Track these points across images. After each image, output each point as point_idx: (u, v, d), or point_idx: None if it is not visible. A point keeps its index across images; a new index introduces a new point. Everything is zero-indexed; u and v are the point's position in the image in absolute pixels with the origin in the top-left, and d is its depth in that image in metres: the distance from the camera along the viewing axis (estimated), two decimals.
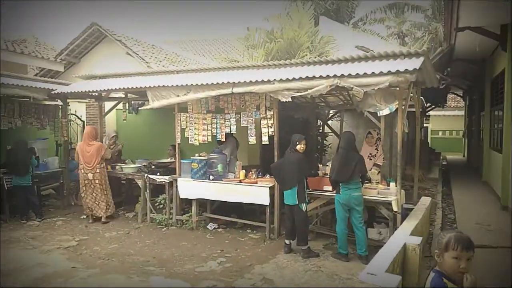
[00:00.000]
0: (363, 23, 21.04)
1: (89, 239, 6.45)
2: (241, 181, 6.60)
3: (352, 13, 20.02)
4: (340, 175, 5.21)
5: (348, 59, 5.97)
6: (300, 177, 5.49)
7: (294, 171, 5.47)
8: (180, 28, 35.52)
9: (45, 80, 8.88)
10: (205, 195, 6.87)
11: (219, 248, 5.89)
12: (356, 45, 13.01)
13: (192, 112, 7.10)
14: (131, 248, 5.97)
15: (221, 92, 6.26)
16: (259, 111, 6.53)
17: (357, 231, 5.26)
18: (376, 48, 10.95)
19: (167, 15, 37.75)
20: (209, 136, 6.98)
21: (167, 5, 39.16)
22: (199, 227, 6.98)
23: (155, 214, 7.38)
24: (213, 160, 6.84)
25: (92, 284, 4.57)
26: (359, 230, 5.25)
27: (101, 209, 7.45)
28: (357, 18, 20.81)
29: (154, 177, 7.37)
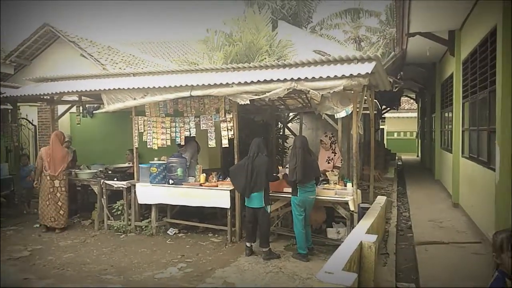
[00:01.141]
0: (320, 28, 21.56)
1: (43, 248, 6.16)
2: (201, 185, 6.56)
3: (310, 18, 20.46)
4: (305, 176, 5.28)
5: (305, 63, 6.09)
6: (268, 180, 5.55)
7: (263, 175, 5.49)
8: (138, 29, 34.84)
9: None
10: (165, 200, 6.76)
11: (179, 254, 5.81)
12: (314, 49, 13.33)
13: (150, 116, 6.98)
14: (87, 256, 5.76)
15: (180, 95, 6.19)
16: (218, 114, 6.52)
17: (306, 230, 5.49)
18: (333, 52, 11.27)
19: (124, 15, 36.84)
20: (168, 139, 6.89)
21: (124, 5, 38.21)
22: (159, 233, 6.86)
23: (113, 221, 7.17)
24: (172, 164, 6.75)
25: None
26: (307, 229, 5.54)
27: (63, 218, 7.14)
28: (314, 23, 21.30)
29: (111, 182, 7.16)
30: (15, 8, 31.43)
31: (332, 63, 5.91)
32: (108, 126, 9.16)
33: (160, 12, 38.86)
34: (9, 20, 32.97)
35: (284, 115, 9.87)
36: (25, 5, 33.96)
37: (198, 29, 29.13)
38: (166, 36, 21.69)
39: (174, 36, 21.15)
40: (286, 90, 5.39)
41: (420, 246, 6.05)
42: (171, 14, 38.54)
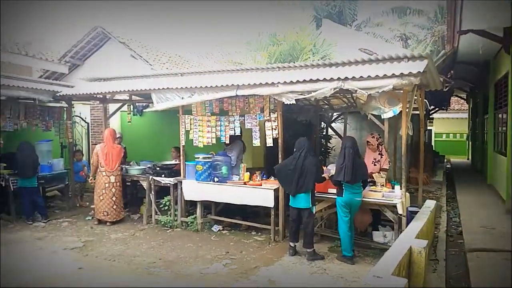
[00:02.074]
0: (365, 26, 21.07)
1: (95, 240, 6.48)
2: (245, 183, 6.63)
3: (355, 16, 20.04)
4: (353, 177, 5.19)
5: (352, 61, 5.99)
6: (316, 181, 5.52)
7: (312, 175, 5.46)
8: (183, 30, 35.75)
9: (49, 82, 8.93)
10: (209, 197, 6.90)
11: (224, 250, 5.91)
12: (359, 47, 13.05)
13: (196, 114, 7.14)
14: (136, 249, 6.00)
15: (225, 95, 6.29)
16: (263, 114, 6.55)
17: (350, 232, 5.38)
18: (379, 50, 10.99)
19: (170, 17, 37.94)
20: (214, 138, 7.01)
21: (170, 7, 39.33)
22: (204, 229, 7.00)
23: (160, 216, 7.41)
24: (217, 162, 6.87)
25: (99, 285, 4.59)
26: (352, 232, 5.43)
27: (116, 213, 7.47)
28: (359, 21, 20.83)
29: (159, 179, 7.40)
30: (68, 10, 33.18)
31: (380, 62, 5.77)
32: (156, 124, 9.48)
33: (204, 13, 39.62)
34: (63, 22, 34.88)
35: (328, 115, 9.75)
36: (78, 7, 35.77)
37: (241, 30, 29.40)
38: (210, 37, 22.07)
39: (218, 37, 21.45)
40: (332, 90, 5.33)
41: (471, 253, 5.77)
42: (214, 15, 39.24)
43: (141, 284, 4.64)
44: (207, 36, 24.57)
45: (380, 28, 22.85)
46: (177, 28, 29.30)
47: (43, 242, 6.34)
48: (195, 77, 7.29)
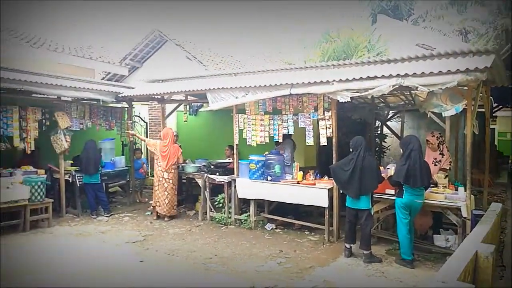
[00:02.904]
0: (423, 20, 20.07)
1: (155, 234, 6.77)
2: (298, 182, 6.60)
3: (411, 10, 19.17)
4: (416, 179, 4.99)
5: (412, 57, 5.76)
6: (379, 182, 5.40)
7: (374, 177, 5.33)
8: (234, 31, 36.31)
9: (112, 84, 9.44)
10: (262, 196, 6.96)
11: (278, 249, 5.93)
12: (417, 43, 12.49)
13: (250, 114, 7.22)
14: (193, 245, 6.19)
15: (279, 93, 6.30)
16: (317, 112, 6.49)
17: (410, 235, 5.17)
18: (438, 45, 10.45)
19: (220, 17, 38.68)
20: (267, 137, 7.05)
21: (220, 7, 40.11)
22: (257, 227, 7.07)
23: (215, 213, 7.59)
24: (270, 161, 6.90)
25: (159, 279, 4.80)
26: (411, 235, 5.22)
27: (167, 208, 7.76)
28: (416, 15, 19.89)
29: (214, 176, 7.58)
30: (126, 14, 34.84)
31: (443, 57, 5.50)
32: (210, 124, 9.73)
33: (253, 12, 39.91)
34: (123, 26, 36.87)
35: (383, 113, 9.44)
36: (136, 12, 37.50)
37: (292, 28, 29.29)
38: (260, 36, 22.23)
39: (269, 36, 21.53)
40: (391, 87, 5.16)
41: None
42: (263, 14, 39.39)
43: (199, 279, 4.78)
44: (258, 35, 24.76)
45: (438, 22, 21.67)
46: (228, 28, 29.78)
47: (107, 235, 6.73)
48: (248, 76, 7.37)
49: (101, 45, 17.15)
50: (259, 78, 6.92)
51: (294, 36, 13.83)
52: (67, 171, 8.03)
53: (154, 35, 11.69)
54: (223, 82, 7.29)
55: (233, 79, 7.50)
